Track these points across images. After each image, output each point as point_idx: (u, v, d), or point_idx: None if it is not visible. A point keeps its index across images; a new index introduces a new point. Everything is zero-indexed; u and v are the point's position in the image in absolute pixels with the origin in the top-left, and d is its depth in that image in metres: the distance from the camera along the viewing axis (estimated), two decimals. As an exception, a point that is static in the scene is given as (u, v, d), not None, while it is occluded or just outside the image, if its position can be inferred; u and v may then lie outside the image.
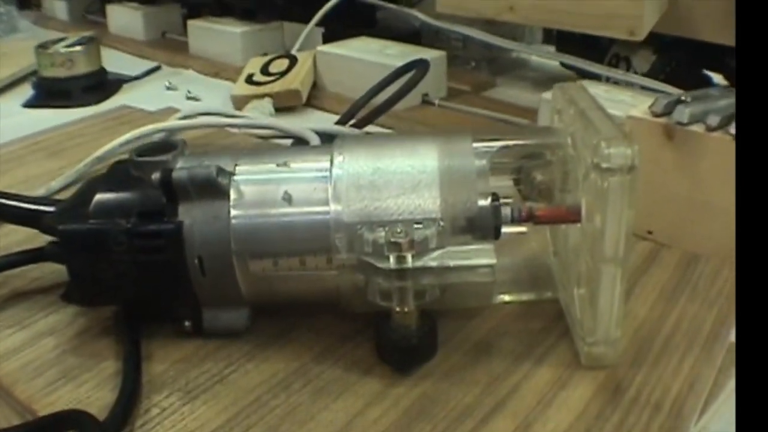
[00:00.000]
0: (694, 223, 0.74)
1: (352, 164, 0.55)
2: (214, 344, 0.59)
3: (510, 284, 0.61)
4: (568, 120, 0.57)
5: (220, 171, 0.55)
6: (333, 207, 0.54)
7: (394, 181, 0.54)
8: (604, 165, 0.48)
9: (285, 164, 0.56)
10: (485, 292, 0.55)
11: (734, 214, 0.69)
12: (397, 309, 0.53)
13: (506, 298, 0.60)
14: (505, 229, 0.56)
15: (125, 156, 0.63)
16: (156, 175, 0.55)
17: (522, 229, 0.58)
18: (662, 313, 0.61)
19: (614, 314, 0.52)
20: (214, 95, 1.28)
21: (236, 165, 0.57)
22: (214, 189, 0.55)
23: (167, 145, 0.60)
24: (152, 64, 1.48)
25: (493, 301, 0.59)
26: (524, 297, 0.61)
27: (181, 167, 0.56)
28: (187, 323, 0.59)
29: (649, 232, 0.77)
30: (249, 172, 0.56)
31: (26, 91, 1.32)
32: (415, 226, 0.52)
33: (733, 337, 0.59)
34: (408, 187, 0.53)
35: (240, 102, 1.20)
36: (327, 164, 0.55)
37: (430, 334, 0.55)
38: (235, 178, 0.56)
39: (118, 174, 0.60)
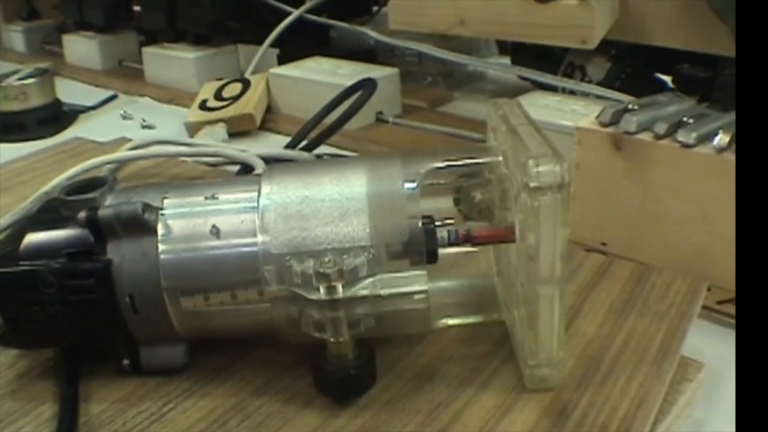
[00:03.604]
0: (647, 234, 0.74)
1: (280, 194, 0.54)
2: (153, 382, 0.57)
3: (455, 307, 0.60)
4: (501, 137, 0.56)
5: (147, 207, 0.54)
6: (261, 238, 0.52)
7: (323, 210, 0.52)
8: (533, 184, 0.47)
9: (213, 197, 0.55)
10: (422, 319, 0.54)
11: (684, 223, 0.69)
12: (332, 339, 0.52)
13: (450, 322, 0.59)
14: (448, 251, 0.54)
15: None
16: (82, 214, 0.54)
17: (463, 249, 0.57)
18: (611, 329, 0.60)
19: (555, 335, 0.51)
20: (168, 123, 1.27)
21: (164, 199, 0.55)
22: (140, 225, 0.53)
23: (97, 182, 0.58)
24: (109, 93, 1.47)
25: (434, 326, 0.58)
26: (470, 320, 0.60)
27: (108, 204, 0.55)
28: (125, 361, 0.57)
29: (603, 244, 0.77)
30: (177, 205, 0.55)
31: (-18, 126, 1.30)
32: (345, 255, 0.51)
33: (683, 351, 0.58)
34: (336, 216, 0.52)
35: (194, 129, 1.19)
36: (255, 195, 0.54)
37: (368, 364, 0.53)
38: (163, 212, 0.54)
39: (49, 213, 0.59)
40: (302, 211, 0.53)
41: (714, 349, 0.64)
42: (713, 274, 0.69)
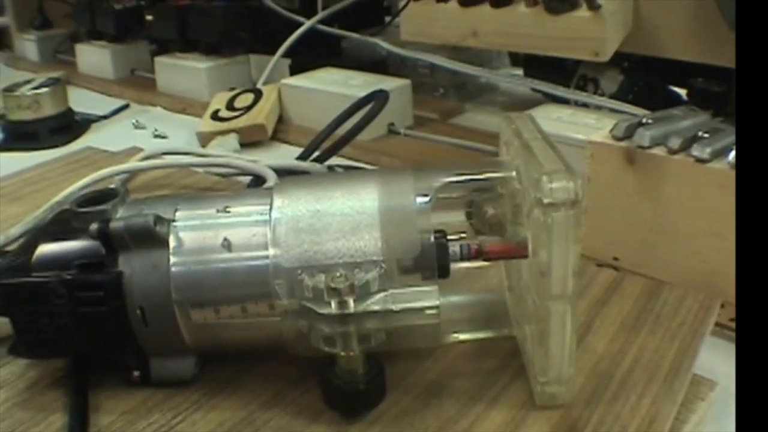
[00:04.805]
0: (659, 249, 0.73)
1: (292, 207, 0.54)
2: (162, 394, 0.57)
3: (465, 322, 0.60)
4: (514, 152, 0.56)
5: (158, 219, 0.54)
6: (272, 252, 0.52)
7: (334, 224, 0.52)
8: (546, 200, 0.47)
9: (225, 209, 0.55)
10: (432, 334, 0.53)
11: (697, 239, 0.68)
12: (342, 354, 0.51)
13: (461, 336, 0.58)
14: (459, 265, 0.54)
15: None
16: (94, 226, 0.54)
17: (474, 264, 0.56)
18: (622, 347, 0.60)
19: (566, 352, 0.51)
20: (180, 132, 1.27)
21: (176, 211, 0.55)
22: (152, 238, 0.53)
23: (109, 193, 0.58)
24: (121, 103, 1.48)
25: (445, 341, 0.57)
26: (480, 335, 0.59)
27: (120, 217, 0.55)
28: (135, 373, 0.57)
29: (615, 259, 0.76)
30: (188, 218, 0.55)
31: (-5, 135, 1.31)
32: (356, 270, 0.51)
33: (695, 369, 0.58)
34: (348, 230, 0.52)
35: (206, 139, 1.19)
36: (266, 208, 0.54)
37: (377, 378, 0.53)
38: (175, 225, 0.54)
39: (61, 224, 0.59)
40: (314, 225, 0.52)
41: (727, 368, 0.63)
42: (726, 290, 0.68)
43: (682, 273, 0.72)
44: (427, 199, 0.53)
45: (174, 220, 0.55)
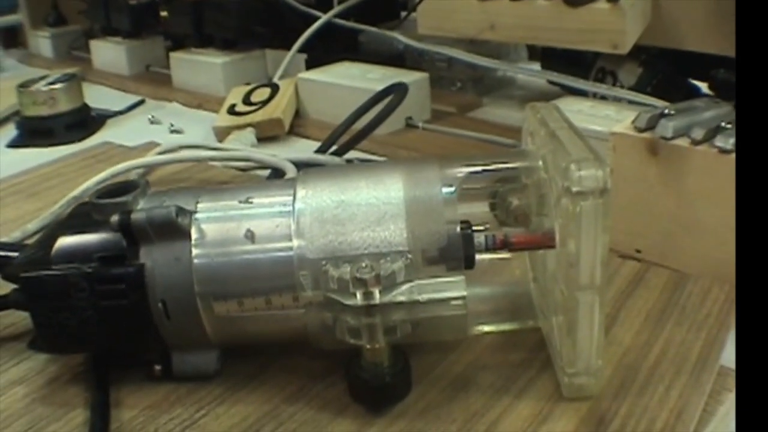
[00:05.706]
0: (682, 241, 0.72)
1: (316, 198, 0.53)
2: (185, 388, 0.57)
3: (490, 314, 0.59)
4: (540, 142, 0.55)
5: (180, 211, 0.53)
6: (296, 243, 0.52)
7: (359, 214, 0.52)
8: (575, 189, 0.46)
9: (247, 200, 0.55)
10: (459, 325, 0.53)
11: (721, 230, 0.68)
12: (368, 346, 0.51)
13: (485, 328, 0.58)
14: (483, 257, 0.54)
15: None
16: (115, 218, 0.53)
17: (500, 255, 0.56)
18: (648, 338, 0.59)
19: (594, 343, 0.50)
20: (197, 127, 1.27)
21: (198, 203, 0.55)
22: (174, 230, 0.53)
23: (129, 185, 0.58)
24: (136, 98, 1.47)
25: (470, 332, 0.57)
26: (505, 327, 0.59)
27: (141, 208, 0.54)
28: (157, 367, 0.57)
29: (638, 251, 0.75)
30: (210, 209, 0.55)
31: (11, 131, 1.30)
32: (382, 260, 0.50)
33: (722, 361, 0.57)
34: (373, 220, 0.51)
35: (222, 133, 1.18)
36: (290, 199, 0.54)
37: (403, 371, 0.53)
38: (197, 216, 0.54)
39: (80, 217, 0.59)
40: (338, 215, 0.52)
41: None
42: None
43: (705, 264, 0.71)
44: (452, 189, 0.53)
45: (196, 212, 0.54)
